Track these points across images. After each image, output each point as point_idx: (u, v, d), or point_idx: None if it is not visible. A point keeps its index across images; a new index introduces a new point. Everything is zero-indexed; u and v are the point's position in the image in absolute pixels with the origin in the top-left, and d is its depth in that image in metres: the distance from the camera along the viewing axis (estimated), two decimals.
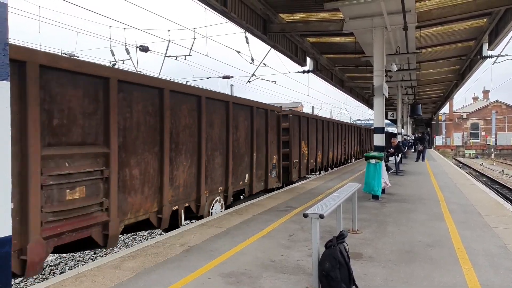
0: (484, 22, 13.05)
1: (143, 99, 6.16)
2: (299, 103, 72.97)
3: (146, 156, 6.21)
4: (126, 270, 4.61)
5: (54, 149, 4.67)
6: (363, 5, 9.42)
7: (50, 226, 4.60)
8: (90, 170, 5.11)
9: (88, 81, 5.14)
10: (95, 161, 5.20)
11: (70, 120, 4.89)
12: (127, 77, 5.87)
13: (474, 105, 69.11)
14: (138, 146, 6.03)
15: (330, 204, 4.55)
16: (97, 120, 5.27)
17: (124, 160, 5.71)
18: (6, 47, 1.57)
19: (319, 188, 11.72)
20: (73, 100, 4.93)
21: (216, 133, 8.35)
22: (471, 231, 6.35)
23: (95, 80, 5.23)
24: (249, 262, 4.87)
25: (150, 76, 7.43)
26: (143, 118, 6.15)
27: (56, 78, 4.72)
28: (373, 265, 4.74)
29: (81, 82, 5.04)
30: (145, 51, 14.83)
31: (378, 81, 10.53)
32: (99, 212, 5.28)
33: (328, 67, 20.04)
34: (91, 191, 5.13)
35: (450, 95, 32.05)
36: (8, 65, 1.58)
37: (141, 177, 6.09)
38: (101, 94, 5.31)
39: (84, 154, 5.06)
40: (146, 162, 6.21)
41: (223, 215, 7.83)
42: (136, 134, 6.00)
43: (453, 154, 53.88)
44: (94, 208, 5.20)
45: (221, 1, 9.69)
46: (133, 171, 5.93)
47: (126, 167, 5.76)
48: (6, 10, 1.55)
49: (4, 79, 1.56)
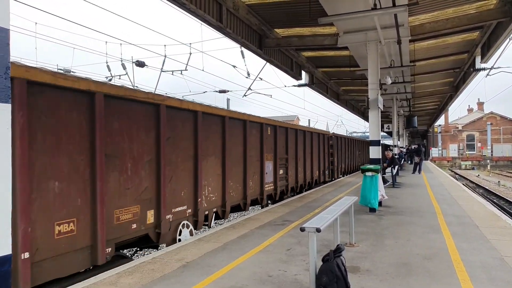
0: (476, 35, 13.28)
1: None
2: (295, 116, 73.30)
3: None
4: (123, 286, 4.58)
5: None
6: (357, 19, 9.59)
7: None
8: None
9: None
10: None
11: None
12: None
13: (469, 117, 69.62)
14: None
15: (327, 218, 4.57)
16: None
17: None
18: (8, 71, 1.62)
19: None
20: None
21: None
22: (468, 243, 6.37)
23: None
24: (246, 277, 4.86)
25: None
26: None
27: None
28: (371, 278, 4.74)
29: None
30: (141, 66, 14.93)
31: (373, 94, 10.65)
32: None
33: (324, 81, 20.23)
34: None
35: (445, 107, 32.34)
36: (9, 88, 1.63)
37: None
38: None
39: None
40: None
41: (220, 230, 7.81)
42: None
43: (450, 166, 54.07)
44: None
45: (217, 17, 9.83)
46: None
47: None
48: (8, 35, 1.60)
49: (5, 102, 1.60)
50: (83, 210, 5.18)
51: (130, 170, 6.04)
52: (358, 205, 9.40)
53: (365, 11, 8.77)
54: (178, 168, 7.33)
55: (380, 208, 9.93)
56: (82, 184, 5.17)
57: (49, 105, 4.77)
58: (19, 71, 4.31)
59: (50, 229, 4.73)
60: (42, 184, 4.64)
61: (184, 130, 7.53)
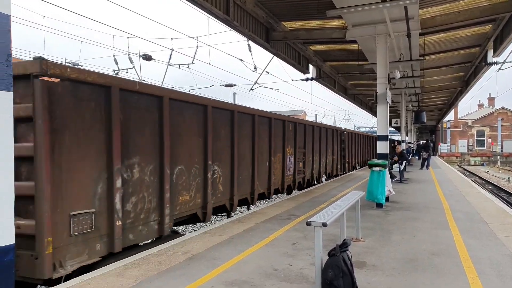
0: (489, 28, 13.05)
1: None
2: (302, 111, 73.04)
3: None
4: (130, 278, 4.60)
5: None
6: (366, 12, 9.44)
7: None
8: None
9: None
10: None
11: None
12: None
13: (480, 112, 68.76)
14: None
15: (333, 212, 4.53)
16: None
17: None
18: (9, 58, 1.60)
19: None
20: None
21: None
22: (476, 240, 6.29)
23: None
24: (252, 270, 4.85)
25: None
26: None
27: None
28: (377, 273, 4.70)
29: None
30: (148, 60, 14.92)
31: (381, 88, 10.52)
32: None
33: (331, 75, 20.07)
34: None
35: (454, 102, 31.95)
36: (11, 75, 1.61)
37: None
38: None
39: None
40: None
41: (225, 223, 7.81)
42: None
43: (458, 162, 53.56)
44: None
45: (224, 10, 9.76)
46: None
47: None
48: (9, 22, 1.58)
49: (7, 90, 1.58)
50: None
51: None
52: (364, 200, 9.34)
53: (374, 4, 8.64)
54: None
55: (387, 203, 9.86)
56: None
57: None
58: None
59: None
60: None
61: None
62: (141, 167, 5.98)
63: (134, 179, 5.83)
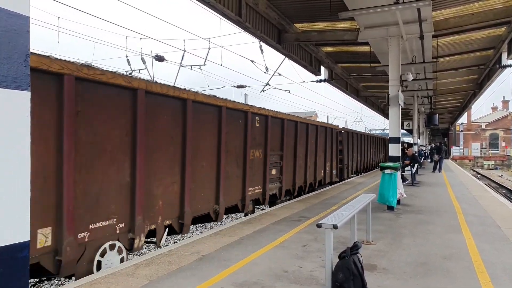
0: (503, 31, 12.86)
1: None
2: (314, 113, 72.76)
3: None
4: (140, 277, 4.64)
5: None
6: (378, 14, 9.39)
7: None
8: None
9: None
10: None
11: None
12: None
13: (493, 115, 67.67)
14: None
15: (344, 215, 4.51)
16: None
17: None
18: (28, 59, 1.63)
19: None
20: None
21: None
22: (489, 244, 6.20)
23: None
24: (262, 272, 4.85)
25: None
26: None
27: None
28: (388, 277, 4.66)
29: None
30: (160, 61, 15.03)
31: (393, 90, 10.44)
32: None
33: (343, 76, 19.98)
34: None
35: (468, 105, 31.51)
36: (29, 75, 1.64)
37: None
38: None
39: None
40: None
41: (236, 224, 7.82)
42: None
43: (471, 165, 52.79)
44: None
45: (236, 11, 9.80)
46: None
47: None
48: (27, 23, 1.61)
49: (25, 89, 1.62)
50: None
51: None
52: (375, 203, 9.27)
53: (387, 6, 8.58)
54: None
55: (398, 206, 9.76)
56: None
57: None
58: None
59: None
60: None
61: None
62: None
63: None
